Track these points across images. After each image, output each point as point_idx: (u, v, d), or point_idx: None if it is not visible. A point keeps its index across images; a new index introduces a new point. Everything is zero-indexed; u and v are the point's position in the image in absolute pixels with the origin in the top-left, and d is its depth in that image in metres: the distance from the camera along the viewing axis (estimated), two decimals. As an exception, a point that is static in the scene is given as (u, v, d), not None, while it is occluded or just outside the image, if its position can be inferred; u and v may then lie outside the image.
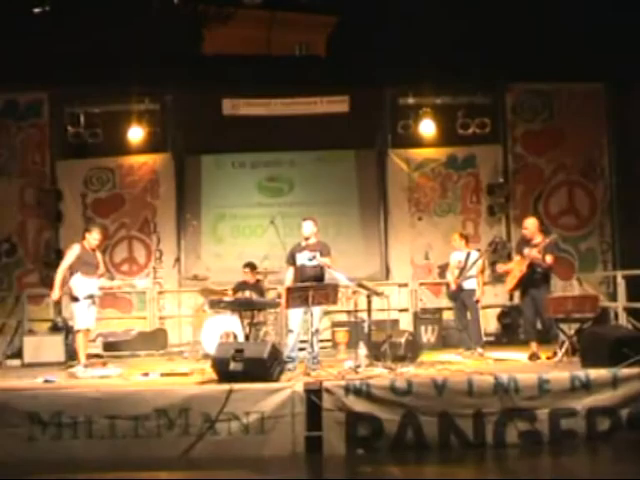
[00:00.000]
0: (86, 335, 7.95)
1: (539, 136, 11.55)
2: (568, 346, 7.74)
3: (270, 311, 9.17)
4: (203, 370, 7.40)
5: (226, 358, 6.56)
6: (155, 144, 11.43)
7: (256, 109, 11.15)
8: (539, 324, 8.33)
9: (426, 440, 6.23)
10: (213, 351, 7.07)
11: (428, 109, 11.23)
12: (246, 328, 7.86)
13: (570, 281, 11.05)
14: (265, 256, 9.78)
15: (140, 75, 10.04)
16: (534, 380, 6.42)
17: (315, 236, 8.05)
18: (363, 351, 7.58)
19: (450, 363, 8.08)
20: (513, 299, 10.85)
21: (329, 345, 10.18)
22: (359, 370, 7.14)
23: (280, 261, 8.55)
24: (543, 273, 8.13)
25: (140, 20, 8.87)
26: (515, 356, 8.64)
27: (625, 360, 6.58)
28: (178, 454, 6.13)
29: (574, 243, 11.34)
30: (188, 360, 9.21)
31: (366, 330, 8.10)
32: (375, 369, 7.27)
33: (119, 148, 11.42)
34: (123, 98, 11.05)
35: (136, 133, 11.19)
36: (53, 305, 10.74)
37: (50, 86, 10.78)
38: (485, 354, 8.59)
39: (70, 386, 6.82)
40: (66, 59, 9.45)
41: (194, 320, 9.93)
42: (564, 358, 7.62)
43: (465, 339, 8.87)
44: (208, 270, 10.58)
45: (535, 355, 8.17)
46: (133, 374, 7.54)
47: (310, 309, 7.41)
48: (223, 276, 10.61)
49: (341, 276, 7.79)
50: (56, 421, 6.19)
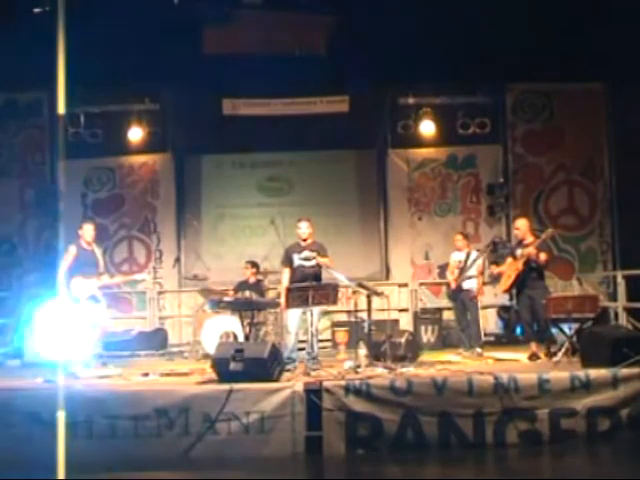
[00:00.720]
0: (87, 336, 7.94)
1: (539, 136, 11.56)
2: (568, 346, 7.74)
3: (270, 311, 9.19)
4: (203, 370, 7.40)
5: (226, 358, 6.56)
6: (155, 144, 11.44)
7: (256, 109, 11.15)
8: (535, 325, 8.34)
9: (426, 440, 6.23)
10: (213, 351, 7.07)
11: (428, 109, 11.23)
12: (246, 328, 7.86)
13: (570, 281, 11.07)
14: (265, 256, 9.79)
15: (140, 75, 10.05)
16: (534, 380, 6.42)
17: (311, 236, 8.05)
18: (363, 351, 7.59)
19: (450, 363, 8.08)
20: (513, 299, 10.85)
21: (329, 345, 10.19)
22: (359, 370, 7.13)
23: (280, 261, 8.54)
24: (538, 272, 8.14)
25: (140, 20, 8.85)
26: (515, 356, 8.65)
27: (625, 360, 6.58)
28: (178, 454, 6.13)
29: (574, 243, 11.35)
30: (188, 360, 9.22)
31: (366, 330, 8.10)
32: (375, 369, 7.26)
33: (119, 148, 11.43)
34: (123, 98, 11.07)
35: (136, 133, 11.20)
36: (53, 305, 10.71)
37: (50, 86, 10.77)
38: (485, 354, 8.60)
39: (70, 386, 6.82)
40: (66, 59, 9.44)
41: (194, 320, 9.94)
42: (564, 358, 7.63)
43: (465, 339, 8.88)
44: (208, 270, 10.58)
45: (535, 355, 8.17)
46: (133, 374, 7.54)
47: (310, 309, 7.41)
48: (223, 276, 10.64)
49: (341, 276, 7.79)
50: (56, 421, 6.17)
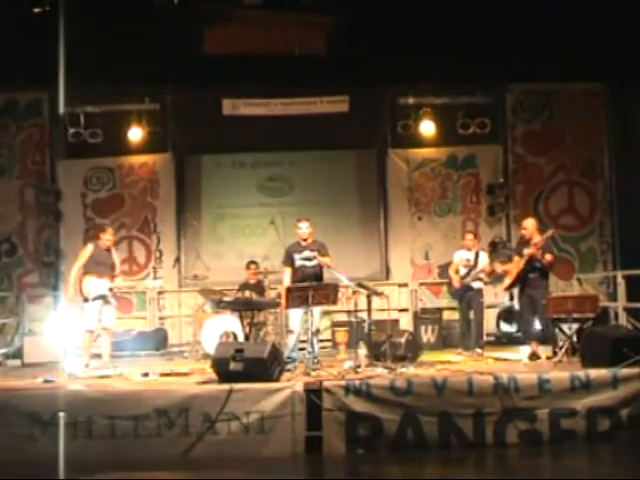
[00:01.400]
0: (91, 336, 7.98)
1: (539, 136, 11.55)
2: (568, 346, 7.74)
3: (270, 311, 9.18)
4: (203, 370, 7.40)
5: (226, 358, 6.56)
6: (155, 144, 11.44)
7: (256, 109, 11.14)
8: (537, 324, 8.33)
9: (426, 440, 6.23)
10: (213, 351, 7.07)
11: (428, 109, 11.23)
12: (246, 328, 7.85)
13: (570, 281, 11.06)
14: (265, 256, 9.78)
15: (140, 75, 10.04)
16: (534, 380, 6.42)
17: (312, 236, 8.05)
18: (363, 351, 7.59)
19: (450, 363, 8.08)
20: (513, 299, 10.86)
21: (329, 345, 10.19)
22: (359, 370, 7.14)
23: (280, 261, 8.54)
24: (541, 272, 8.14)
25: (140, 20, 8.85)
26: (515, 356, 8.65)
27: (625, 360, 6.59)
28: (178, 454, 6.13)
29: (574, 243, 11.35)
30: (188, 360, 9.22)
31: (366, 330, 8.10)
32: (375, 369, 7.27)
33: (119, 148, 11.42)
34: (123, 98, 11.06)
35: (136, 133, 11.20)
36: (53, 305, 10.75)
37: (50, 86, 10.77)
38: (485, 354, 8.60)
39: (70, 386, 6.83)
40: (66, 59, 9.44)
41: (194, 320, 9.93)
42: (564, 358, 7.63)
43: (465, 339, 8.88)
44: (208, 270, 10.58)
45: (535, 355, 8.17)
46: (133, 374, 7.54)
47: (310, 309, 7.41)
48: (223, 276, 10.64)
49: (342, 276, 7.80)
50: (56, 421, 6.18)
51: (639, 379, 6.47)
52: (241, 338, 8.25)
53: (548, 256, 8.01)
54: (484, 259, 8.95)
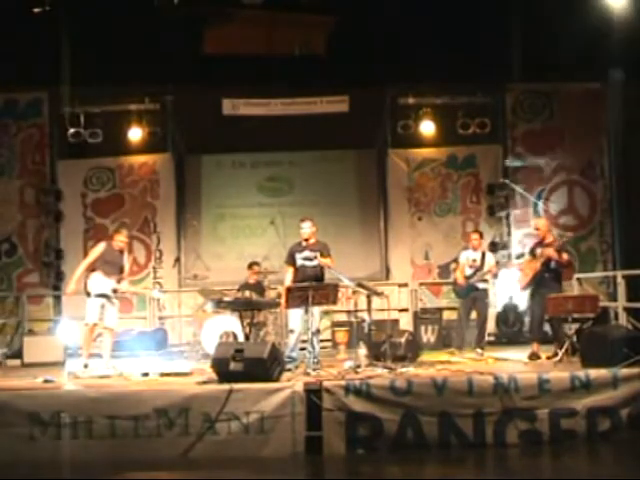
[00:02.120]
0: (92, 331, 7.99)
1: (539, 136, 11.56)
2: (568, 346, 7.75)
3: (270, 311, 9.18)
4: (203, 370, 7.40)
5: (226, 358, 6.56)
6: (155, 144, 11.44)
7: (256, 109, 11.14)
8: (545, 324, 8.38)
9: (426, 440, 6.23)
10: (213, 351, 7.07)
11: (428, 109, 11.24)
12: (246, 328, 7.85)
13: (570, 281, 11.05)
14: (265, 256, 9.79)
15: (140, 75, 10.04)
16: (534, 380, 6.42)
17: (314, 236, 8.05)
18: (363, 351, 7.59)
19: (450, 363, 8.08)
20: (513, 299, 10.87)
21: (329, 345, 10.20)
22: (359, 370, 7.14)
23: (280, 261, 8.55)
24: (556, 273, 8.23)
25: (140, 20, 8.85)
26: (515, 356, 8.65)
27: (625, 360, 6.59)
28: (178, 454, 6.13)
29: (574, 243, 11.32)
30: (188, 360, 9.22)
31: (366, 330, 8.10)
32: (375, 369, 7.27)
33: (119, 148, 11.43)
34: (123, 98, 11.07)
35: (136, 133, 11.21)
36: (53, 305, 10.76)
37: (50, 86, 10.78)
38: (485, 354, 8.60)
39: (70, 386, 6.83)
40: (66, 59, 9.45)
41: (194, 320, 9.93)
42: (564, 358, 7.63)
43: (459, 339, 8.87)
44: (208, 270, 10.58)
45: (535, 355, 8.18)
46: (133, 374, 7.54)
47: (310, 309, 7.40)
48: (223, 276, 10.64)
49: (343, 276, 7.79)
50: (56, 421, 6.18)
51: (639, 379, 6.47)
52: (241, 338, 8.24)
53: (565, 255, 8.18)
54: (490, 260, 8.95)
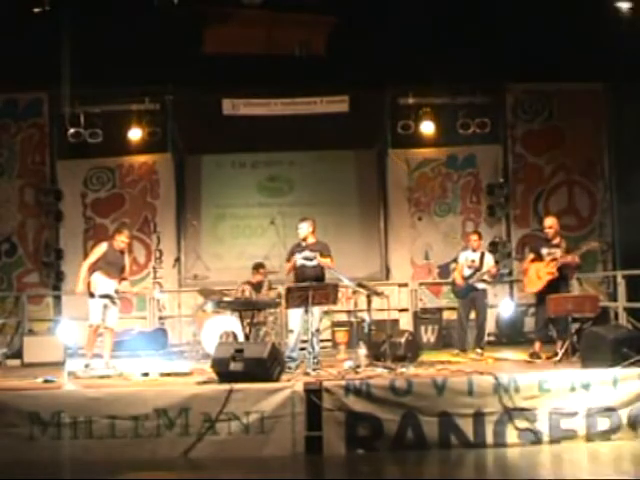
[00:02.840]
0: (96, 332, 8.01)
1: (539, 136, 11.56)
2: (568, 346, 7.75)
3: (270, 311, 9.18)
4: (203, 370, 7.40)
5: (226, 358, 6.56)
6: (155, 144, 11.44)
7: (256, 109, 11.14)
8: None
9: (426, 440, 6.24)
10: (213, 351, 7.07)
11: (428, 109, 11.23)
12: (246, 328, 7.85)
13: (570, 281, 11.04)
14: (265, 256, 9.78)
15: (140, 75, 10.04)
16: (534, 380, 6.42)
17: (313, 236, 8.04)
18: (363, 351, 7.59)
19: (450, 363, 8.08)
20: (512, 299, 10.87)
21: (329, 345, 10.19)
22: (359, 370, 7.14)
23: (280, 261, 8.55)
24: (565, 274, 8.31)
25: (140, 20, 8.85)
26: (515, 356, 8.64)
27: (625, 360, 6.59)
28: (178, 454, 6.13)
29: (574, 243, 11.29)
30: (188, 360, 9.22)
31: (366, 330, 8.10)
32: (375, 369, 7.27)
33: (119, 148, 11.42)
34: (123, 98, 11.07)
35: (136, 133, 11.20)
36: (53, 305, 10.75)
37: (50, 86, 10.78)
38: (485, 354, 8.61)
39: (70, 386, 6.83)
40: (66, 59, 9.45)
41: (194, 320, 9.93)
42: (564, 358, 7.63)
43: (462, 340, 8.88)
44: (208, 270, 10.57)
45: (536, 354, 8.18)
46: (133, 374, 7.54)
47: (310, 309, 7.40)
48: (223, 276, 10.64)
49: (343, 276, 7.79)
50: (56, 421, 6.18)
51: (639, 379, 6.47)
52: (241, 338, 8.25)
53: (577, 258, 8.26)
54: (490, 260, 8.95)
